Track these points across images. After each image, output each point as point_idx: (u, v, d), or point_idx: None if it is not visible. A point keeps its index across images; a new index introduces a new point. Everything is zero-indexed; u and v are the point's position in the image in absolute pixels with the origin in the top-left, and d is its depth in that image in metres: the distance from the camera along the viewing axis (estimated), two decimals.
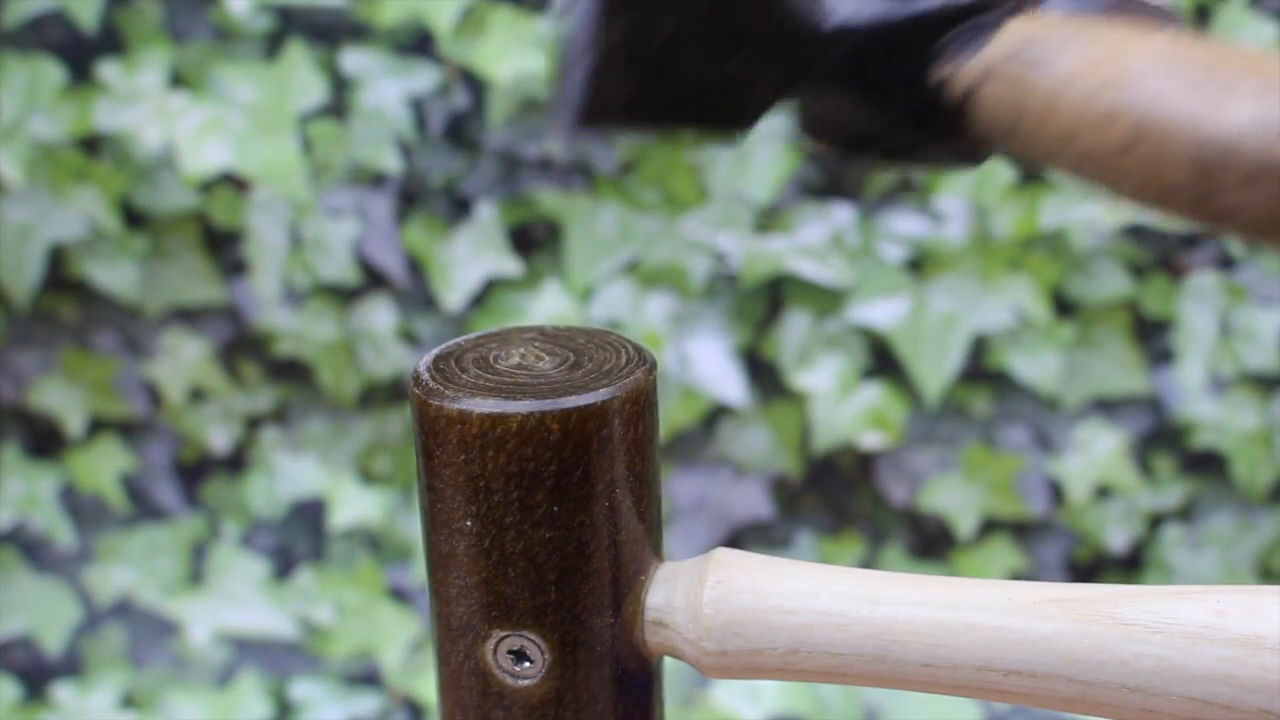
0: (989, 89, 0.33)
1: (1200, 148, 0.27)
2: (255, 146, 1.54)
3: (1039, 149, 0.31)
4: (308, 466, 1.65)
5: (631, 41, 0.30)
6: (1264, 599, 0.36)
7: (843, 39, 0.34)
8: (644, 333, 1.55)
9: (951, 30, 0.34)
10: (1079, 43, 0.31)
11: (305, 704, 1.64)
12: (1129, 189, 0.29)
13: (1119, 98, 0.29)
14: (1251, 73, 0.27)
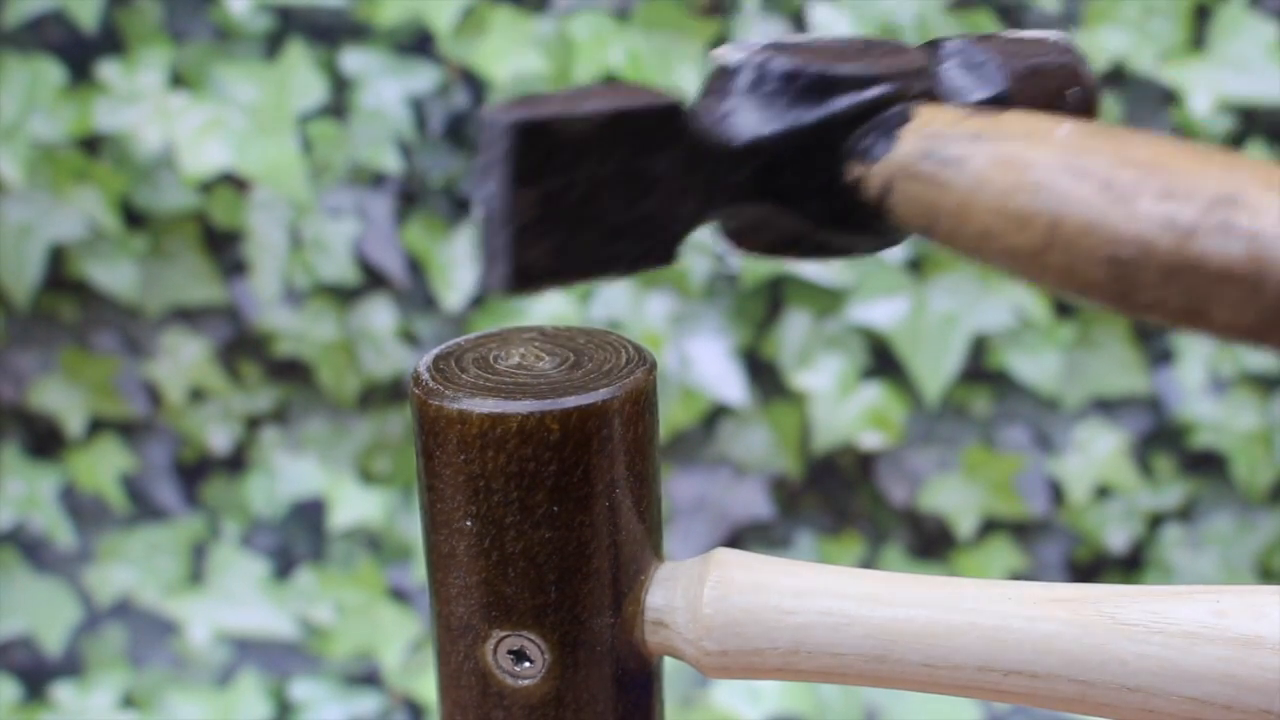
0: (903, 188, 0.33)
1: (1115, 247, 0.28)
2: (255, 146, 1.54)
3: (961, 246, 0.32)
4: (308, 466, 1.65)
5: (547, 205, 0.31)
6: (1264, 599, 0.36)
7: (754, 154, 0.34)
8: (644, 333, 1.55)
9: (859, 129, 0.34)
10: (985, 139, 0.31)
11: (305, 704, 1.64)
12: (1051, 284, 0.30)
13: (1030, 201, 0.29)
14: (1153, 171, 0.28)
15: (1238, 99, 1.50)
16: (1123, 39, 1.51)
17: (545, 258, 0.32)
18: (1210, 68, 1.50)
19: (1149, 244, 0.28)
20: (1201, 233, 0.27)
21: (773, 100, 0.35)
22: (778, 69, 0.35)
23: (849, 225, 0.36)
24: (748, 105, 0.35)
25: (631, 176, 0.33)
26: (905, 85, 0.35)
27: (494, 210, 0.31)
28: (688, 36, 1.53)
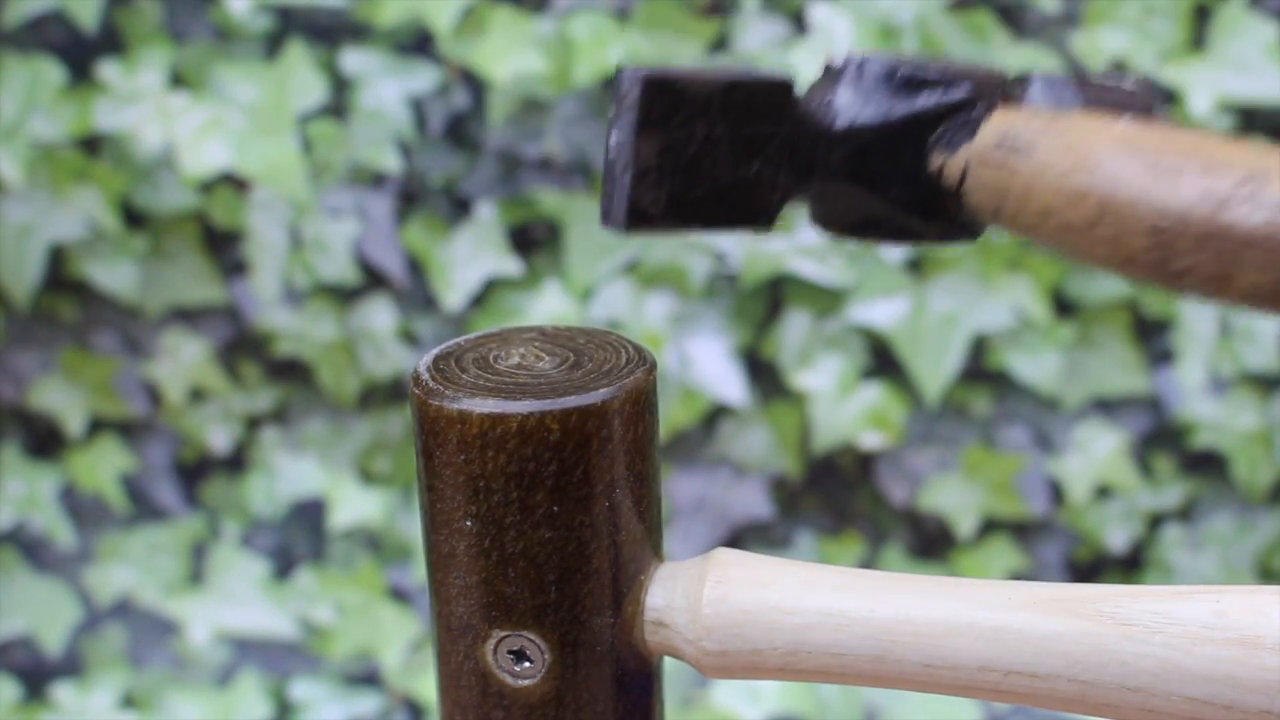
0: (977, 174, 0.38)
1: (1157, 218, 0.32)
2: (255, 146, 1.54)
3: (1022, 225, 0.37)
4: (308, 466, 1.65)
5: (664, 157, 0.35)
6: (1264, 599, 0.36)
7: (850, 138, 0.39)
8: (644, 333, 1.55)
9: (944, 124, 0.39)
10: (1052, 132, 0.36)
11: (305, 704, 1.64)
12: (1099, 257, 0.34)
13: (1086, 180, 0.34)
14: (1196, 154, 0.32)
15: (1238, 99, 1.50)
16: (1123, 39, 1.51)
17: (659, 203, 0.36)
18: (1210, 68, 1.50)
19: (1187, 213, 0.32)
20: (1233, 202, 0.31)
21: (870, 93, 0.39)
22: (876, 68, 0.39)
23: (927, 211, 0.40)
24: (848, 96, 0.39)
25: (742, 141, 0.37)
26: (987, 90, 0.40)
27: (618, 156, 0.35)
28: (688, 36, 1.53)
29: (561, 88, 1.54)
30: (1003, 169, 0.37)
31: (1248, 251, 0.31)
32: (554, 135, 1.57)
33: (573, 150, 1.57)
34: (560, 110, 1.56)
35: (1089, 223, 0.34)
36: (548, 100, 1.56)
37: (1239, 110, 1.53)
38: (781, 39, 1.53)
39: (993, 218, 0.38)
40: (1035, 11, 1.53)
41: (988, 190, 0.38)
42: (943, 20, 1.52)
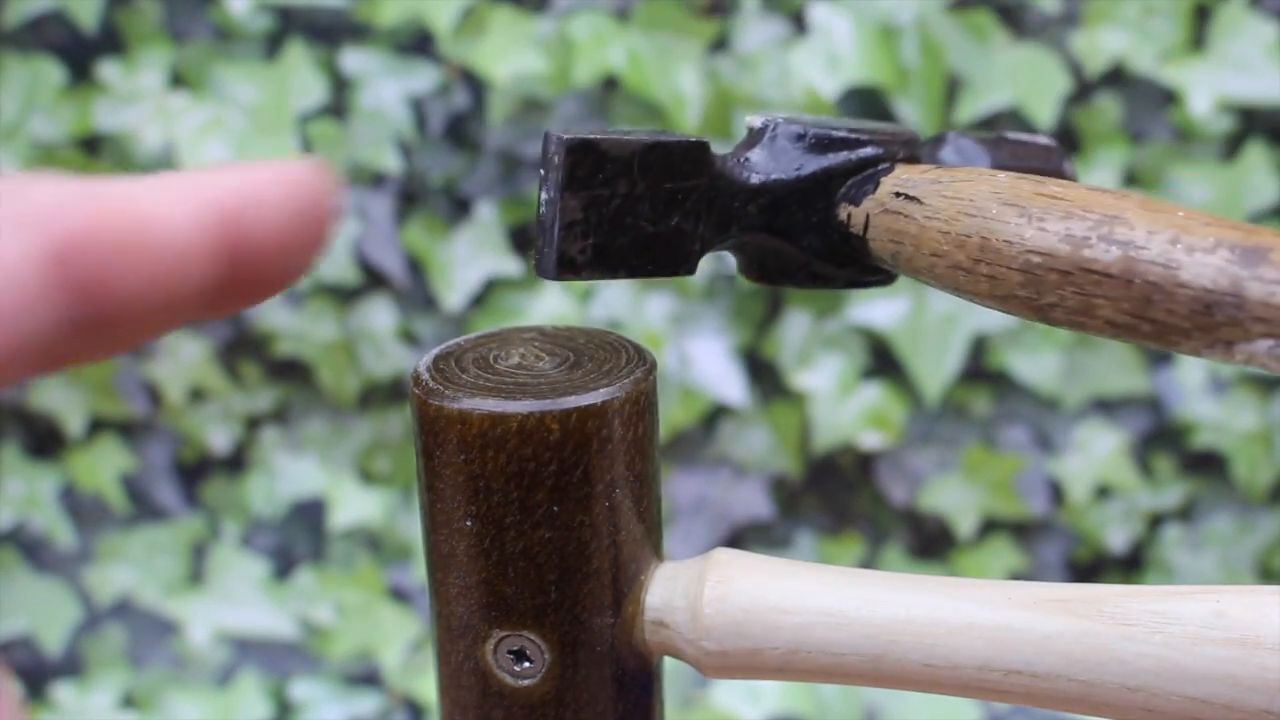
0: (878, 222, 0.42)
1: (1028, 256, 0.37)
2: (255, 146, 1.54)
3: (918, 267, 0.40)
4: (308, 466, 1.65)
5: (589, 211, 0.39)
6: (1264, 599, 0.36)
7: (764, 192, 0.43)
8: (644, 333, 1.55)
9: (851, 179, 0.43)
10: (942, 182, 0.41)
11: (305, 704, 1.64)
12: (984, 294, 0.38)
13: (968, 225, 0.38)
14: (1061, 200, 0.37)
15: (1238, 99, 1.50)
16: (1123, 39, 1.51)
17: (586, 253, 0.39)
18: (1210, 68, 1.50)
19: (1052, 251, 0.36)
20: (1090, 242, 0.35)
21: (783, 153, 0.43)
22: (789, 129, 0.43)
23: (838, 258, 0.44)
24: (763, 155, 0.43)
25: (662, 196, 0.40)
26: (891, 149, 0.44)
27: (547, 212, 0.39)
28: (688, 36, 1.53)
29: (561, 88, 1.54)
30: (899, 216, 0.41)
31: (1104, 285, 0.35)
32: None
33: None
34: (560, 110, 1.56)
35: (973, 261, 0.38)
36: (548, 100, 1.56)
37: (1239, 110, 1.53)
38: (781, 39, 1.53)
39: (893, 261, 0.42)
40: (1035, 11, 1.53)
41: (887, 236, 0.41)
42: (943, 20, 1.52)
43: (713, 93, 1.52)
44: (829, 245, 0.44)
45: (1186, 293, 0.33)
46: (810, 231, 0.43)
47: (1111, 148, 1.55)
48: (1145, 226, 0.34)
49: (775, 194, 0.43)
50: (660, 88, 1.51)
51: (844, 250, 0.44)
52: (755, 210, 0.43)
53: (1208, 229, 0.33)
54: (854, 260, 0.44)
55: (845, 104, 1.54)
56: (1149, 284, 0.34)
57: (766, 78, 1.52)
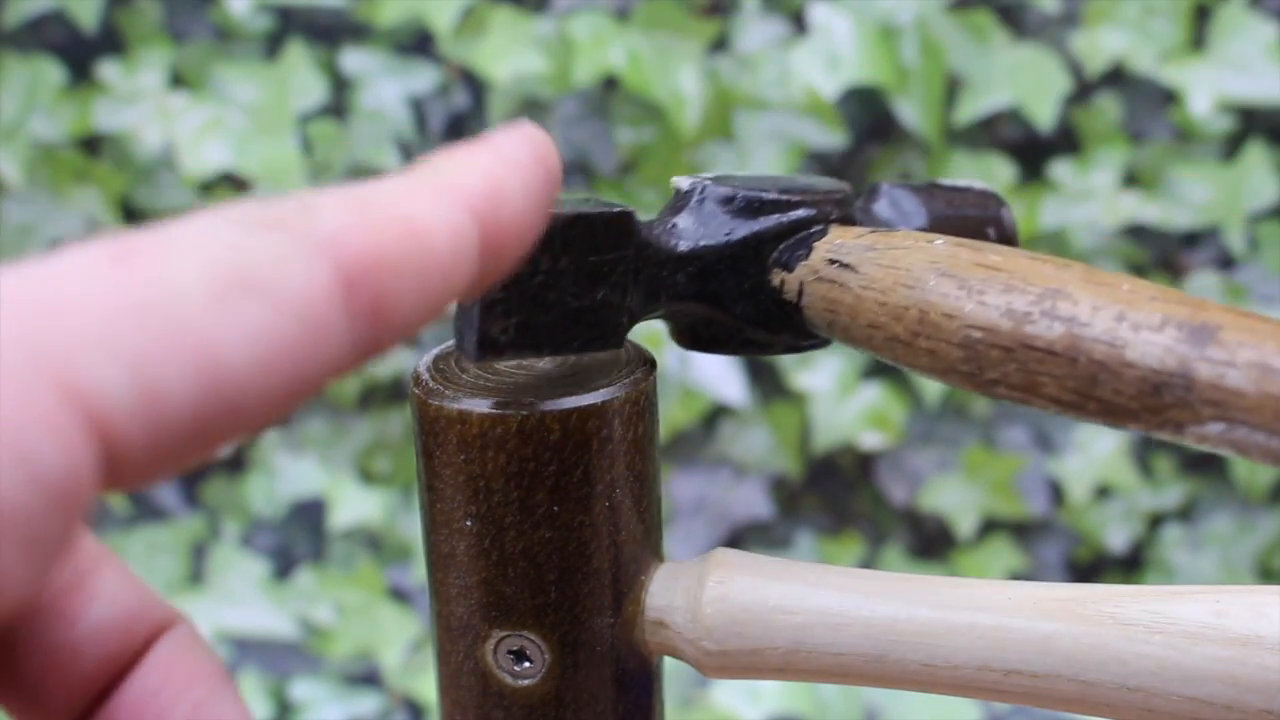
0: (812, 289, 0.40)
1: (968, 331, 0.35)
2: (255, 146, 1.54)
3: (855, 338, 0.39)
4: (308, 466, 1.65)
5: (510, 289, 0.37)
6: (1264, 599, 0.36)
7: (693, 259, 0.41)
8: (644, 333, 1.55)
9: (784, 243, 0.42)
10: (877, 249, 0.39)
11: (305, 704, 1.64)
12: (924, 367, 0.37)
13: (905, 295, 0.37)
14: (1001, 271, 0.35)
15: (1238, 99, 1.50)
16: (1123, 39, 1.51)
17: (508, 332, 0.37)
18: (1210, 68, 1.50)
19: (993, 327, 0.35)
20: (1032, 318, 0.34)
21: (711, 217, 0.42)
22: (717, 192, 0.42)
23: (771, 325, 0.42)
24: (691, 220, 0.42)
25: (586, 269, 0.38)
26: (824, 210, 0.42)
27: None
28: (688, 36, 1.53)
29: (561, 88, 1.54)
30: (833, 285, 0.39)
31: (1047, 363, 0.34)
32: (554, 135, 1.57)
33: (573, 150, 1.57)
34: (560, 110, 1.56)
35: (911, 334, 0.36)
36: (548, 100, 1.56)
37: (1239, 110, 1.53)
38: (781, 39, 1.53)
39: (828, 330, 0.40)
40: (1035, 11, 1.53)
41: (822, 305, 0.40)
42: (943, 20, 1.52)
43: (713, 93, 1.52)
44: (762, 312, 0.42)
45: (1133, 373, 0.32)
46: (743, 298, 0.42)
47: (1111, 148, 1.55)
48: (1089, 301, 0.33)
49: (705, 260, 0.41)
50: (660, 88, 1.51)
51: (778, 316, 0.42)
52: (684, 278, 0.42)
53: (1154, 304, 0.32)
54: (789, 326, 0.42)
55: (845, 104, 1.54)
56: (1094, 362, 0.33)
57: (766, 78, 1.52)
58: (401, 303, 0.22)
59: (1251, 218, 1.53)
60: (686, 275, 0.41)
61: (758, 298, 0.42)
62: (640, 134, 1.56)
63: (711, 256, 0.41)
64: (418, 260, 0.23)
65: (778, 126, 1.53)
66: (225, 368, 0.20)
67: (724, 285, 0.42)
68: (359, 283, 0.22)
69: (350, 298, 0.22)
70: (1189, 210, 1.53)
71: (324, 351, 0.21)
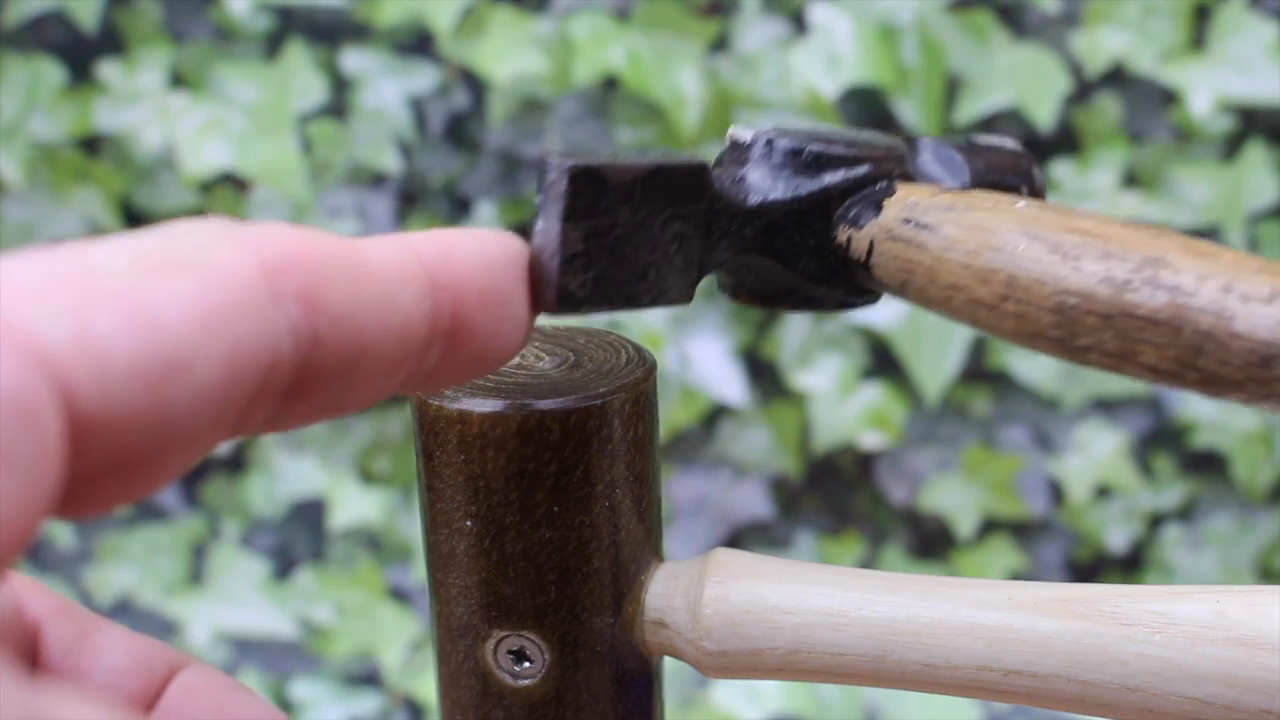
0: (884, 249, 0.40)
1: (1062, 297, 0.35)
2: (255, 146, 1.54)
3: (930, 298, 0.39)
4: (308, 466, 1.65)
5: (590, 242, 0.37)
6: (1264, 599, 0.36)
7: (761, 214, 0.41)
8: (644, 333, 1.55)
9: (849, 200, 0.41)
10: (957, 209, 0.38)
11: (305, 704, 1.64)
12: (1007, 331, 0.36)
13: (993, 258, 0.36)
14: (1098, 236, 0.35)
15: (1238, 99, 1.50)
16: (1123, 39, 1.51)
17: (585, 286, 0.37)
18: (1210, 68, 1.50)
19: (1090, 294, 0.34)
20: (1133, 285, 0.34)
21: (778, 171, 0.41)
22: (783, 146, 0.41)
23: (833, 281, 0.42)
24: (758, 173, 0.41)
25: (662, 222, 0.38)
26: (888, 167, 0.42)
27: (544, 243, 0.36)
28: (688, 36, 1.53)
29: (561, 88, 1.54)
30: (910, 245, 0.39)
31: (1148, 330, 0.33)
32: (554, 135, 1.57)
33: (573, 150, 1.57)
34: (560, 110, 1.56)
35: (998, 298, 0.36)
36: (548, 100, 1.56)
37: (1239, 110, 1.53)
38: (781, 39, 1.53)
39: (899, 290, 0.40)
40: (1035, 11, 1.53)
41: (896, 265, 0.39)
42: (943, 20, 1.52)
43: (713, 93, 1.52)
44: (825, 269, 0.42)
45: (1241, 344, 0.32)
46: (807, 255, 0.42)
47: (1111, 148, 1.55)
48: (1193, 271, 0.33)
49: (772, 215, 0.41)
50: (660, 88, 1.51)
51: (840, 274, 0.42)
52: (751, 233, 0.41)
53: (1261, 276, 0.32)
54: (849, 283, 0.42)
55: (845, 104, 1.54)
56: (1200, 333, 0.32)
57: (766, 78, 1.52)
58: (335, 295, 0.23)
59: (1251, 218, 1.53)
60: (754, 230, 0.41)
61: (822, 255, 0.42)
62: (640, 134, 1.56)
63: (779, 211, 0.41)
64: (347, 263, 0.24)
65: None
66: (161, 321, 0.21)
67: (789, 241, 0.42)
68: (283, 270, 0.23)
69: (274, 279, 0.23)
70: (1189, 210, 1.53)
71: (258, 323, 0.22)
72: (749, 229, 0.41)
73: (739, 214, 0.41)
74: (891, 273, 0.40)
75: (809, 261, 0.42)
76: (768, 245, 0.41)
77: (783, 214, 0.41)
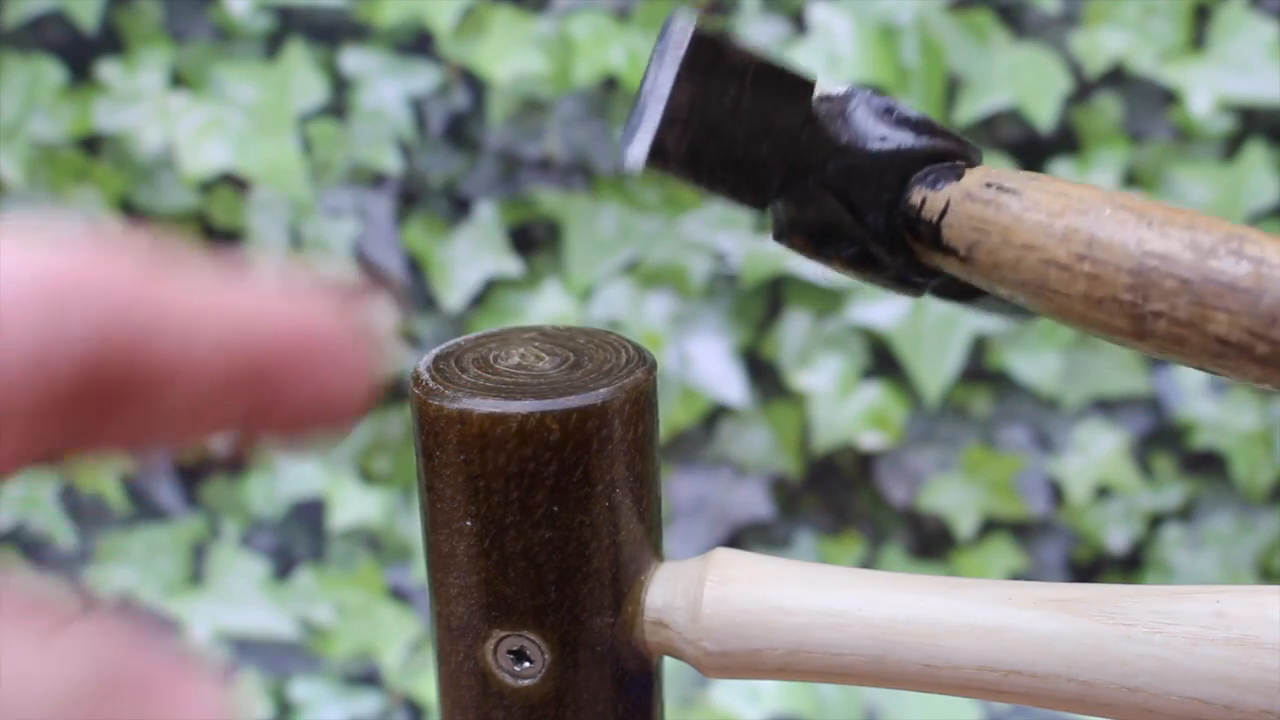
0: (960, 208, 0.41)
1: (1143, 258, 0.36)
2: (255, 146, 1.54)
3: (997, 259, 0.40)
4: (308, 466, 1.65)
5: (694, 109, 0.39)
6: (1264, 599, 0.36)
7: (848, 153, 0.43)
8: (644, 333, 1.55)
9: (930, 165, 0.43)
10: (1042, 180, 0.40)
11: (305, 704, 1.64)
12: (1078, 293, 0.37)
13: (1077, 220, 0.37)
14: (1181, 213, 0.36)
15: (1238, 99, 1.50)
16: (1123, 39, 1.51)
17: (680, 150, 0.38)
18: (1210, 68, 1.50)
19: (1174, 256, 0.35)
20: (1218, 253, 0.35)
21: (870, 122, 0.43)
22: (879, 102, 0.43)
23: (894, 246, 0.43)
24: (852, 119, 0.43)
25: (761, 116, 0.40)
26: (966, 149, 0.44)
27: (651, 97, 0.38)
28: None
29: (561, 88, 1.54)
30: (989, 205, 0.40)
31: (1227, 297, 0.34)
32: (554, 135, 1.57)
33: (573, 150, 1.57)
34: (560, 110, 1.56)
35: (1075, 258, 0.37)
36: (548, 100, 1.56)
37: (1239, 110, 1.53)
38: (781, 39, 1.53)
39: (967, 253, 0.41)
40: (1035, 11, 1.53)
41: (970, 223, 0.40)
42: (943, 20, 1.52)
43: None
44: (891, 228, 0.43)
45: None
46: (877, 209, 0.43)
47: (1111, 148, 1.55)
48: (1275, 247, 0.34)
49: (856, 159, 0.42)
50: None
51: (902, 238, 0.43)
52: (834, 169, 0.42)
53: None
54: (907, 252, 0.43)
55: None
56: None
57: None
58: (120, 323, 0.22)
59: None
60: (836, 167, 0.42)
61: (891, 214, 0.43)
62: None
63: (863, 157, 0.42)
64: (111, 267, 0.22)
65: None
66: None
67: (865, 189, 0.43)
68: (68, 288, 0.21)
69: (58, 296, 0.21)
70: None
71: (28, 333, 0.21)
72: (833, 164, 0.42)
73: (828, 146, 0.42)
74: (963, 232, 0.41)
75: (877, 216, 0.43)
76: (845, 187, 0.43)
77: (867, 160, 0.42)
